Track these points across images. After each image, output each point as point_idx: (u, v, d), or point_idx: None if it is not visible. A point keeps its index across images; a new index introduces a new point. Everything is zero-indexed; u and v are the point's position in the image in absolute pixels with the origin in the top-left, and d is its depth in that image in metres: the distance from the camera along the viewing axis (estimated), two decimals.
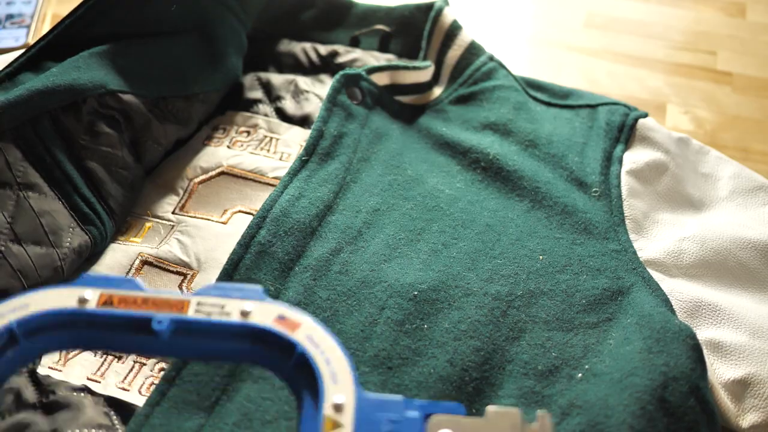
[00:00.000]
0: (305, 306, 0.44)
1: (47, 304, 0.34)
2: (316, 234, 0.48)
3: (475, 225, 0.50)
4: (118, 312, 0.34)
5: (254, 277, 0.44)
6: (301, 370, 0.33)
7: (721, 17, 0.86)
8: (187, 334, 0.34)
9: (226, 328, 0.34)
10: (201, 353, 0.36)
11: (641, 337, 0.41)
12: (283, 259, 0.46)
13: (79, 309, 0.34)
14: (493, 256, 0.48)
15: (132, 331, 0.34)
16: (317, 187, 0.51)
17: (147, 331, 0.34)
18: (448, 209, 0.51)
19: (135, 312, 0.34)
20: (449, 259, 0.48)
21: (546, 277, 0.47)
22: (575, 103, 0.61)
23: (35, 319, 0.34)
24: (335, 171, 0.53)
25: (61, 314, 0.34)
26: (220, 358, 0.37)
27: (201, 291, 0.35)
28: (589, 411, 0.38)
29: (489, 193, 0.53)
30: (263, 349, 0.34)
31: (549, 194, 0.52)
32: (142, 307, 0.34)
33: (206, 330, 0.34)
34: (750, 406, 0.41)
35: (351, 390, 0.32)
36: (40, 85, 0.48)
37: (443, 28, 0.65)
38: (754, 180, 0.55)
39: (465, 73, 0.63)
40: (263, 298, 0.35)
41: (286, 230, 0.47)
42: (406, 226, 0.50)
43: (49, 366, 0.43)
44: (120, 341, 0.35)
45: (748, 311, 0.46)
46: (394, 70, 0.61)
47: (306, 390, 0.32)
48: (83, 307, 0.34)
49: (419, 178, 0.54)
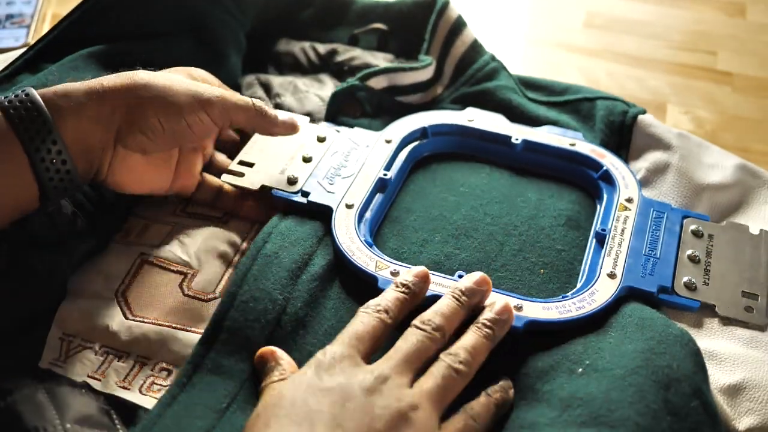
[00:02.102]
0: (312, 317, 0.45)
1: (447, 119, 0.58)
2: (323, 242, 0.49)
3: (477, 234, 0.51)
4: (492, 129, 0.57)
5: (262, 287, 0.44)
6: (604, 180, 0.54)
7: (721, 17, 0.86)
8: (533, 150, 0.56)
9: (560, 150, 0.55)
10: (539, 164, 0.56)
11: (643, 338, 0.41)
12: (290, 267, 0.46)
13: (467, 125, 0.57)
14: (494, 269, 0.48)
15: (498, 143, 0.56)
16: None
17: (507, 145, 0.56)
18: (451, 217, 0.52)
19: (502, 131, 0.57)
20: (450, 271, 0.48)
21: (546, 293, 0.47)
22: (573, 98, 0.61)
23: (439, 125, 0.58)
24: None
25: (454, 125, 0.58)
26: (550, 170, 0.55)
27: (542, 128, 0.56)
28: (591, 404, 0.38)
29: (492, 197, 0.53)
30: (580, 167, 0.55)
31: (553, 204, 0.53)
32: (506, 131, 0.57)
33: (546, 149, 0.56)
34: (746, 410, 0.42)
35: (636, 192, 0.52)
36: (38, 86, 0.48)
37: (449, 22, 0.65)
38: (757, 175, 0.55)
39: (467, 73, 0.63)
40: (582, 138, 0.56)
41: (292, 241, 0.48)
42: (409, 238, 0.50)
43: (49, 361, 0.43)
44: (488, 148, 0.57)
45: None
46: (392, 72, 0.61)
47: (606, 191, 0.53)
48: (470, 124, 0.57)
49: (422, 188, 0.55)
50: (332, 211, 0.50)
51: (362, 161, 0.54)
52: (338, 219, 0.49)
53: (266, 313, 0.43)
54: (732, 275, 0.48)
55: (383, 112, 0.61)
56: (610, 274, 0.46)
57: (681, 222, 0.50)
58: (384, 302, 0.42)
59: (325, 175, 0.52)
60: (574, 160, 0.55)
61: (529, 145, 0.56)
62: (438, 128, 0.57)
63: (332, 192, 0.51)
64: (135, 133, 0.45)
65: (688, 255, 0.48)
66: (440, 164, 0.57)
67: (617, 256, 0.47)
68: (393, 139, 0.55)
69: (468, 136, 0.57)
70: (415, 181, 0.55)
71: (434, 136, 0.57)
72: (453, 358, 0.39)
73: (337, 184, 0.52)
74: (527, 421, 0.39)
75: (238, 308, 0.43)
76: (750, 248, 0.49)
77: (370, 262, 0.47)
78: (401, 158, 0.55)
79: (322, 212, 0.50)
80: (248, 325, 0.43)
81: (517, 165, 0.56)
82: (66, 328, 0.45)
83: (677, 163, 0.55)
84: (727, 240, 0.50)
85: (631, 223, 0.50)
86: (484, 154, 0.57)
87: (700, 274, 0.48)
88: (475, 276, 0.44)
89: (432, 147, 0.57)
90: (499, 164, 0.56)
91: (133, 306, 0.46)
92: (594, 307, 0.44)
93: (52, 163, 0.42)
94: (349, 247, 0.48)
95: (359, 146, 0.55)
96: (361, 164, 0.53)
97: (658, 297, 0.46)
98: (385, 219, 0.52)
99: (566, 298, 0.45)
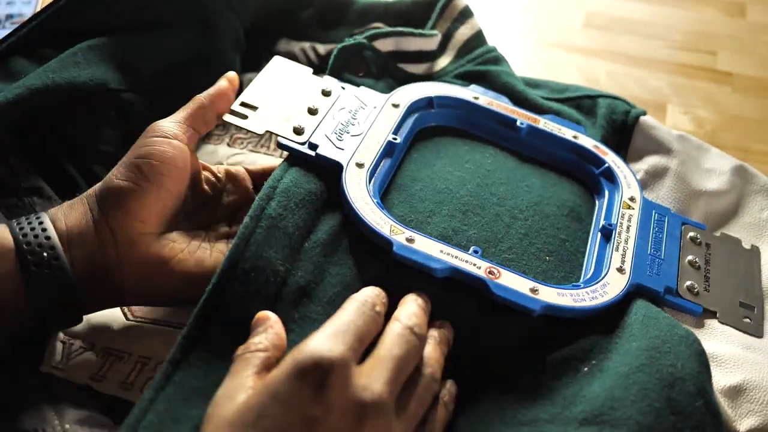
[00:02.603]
0: (315, 285, 0.43)
1: (453, 92, 0.56)
2: (327, 204, 0.46)
3: (483, 212, 0.49)
4: (496, 110, 0.55)
5: (265, 255, 0.42)
6: (605, 177, 0.53)
7: (721, 17, 0.86)
8: (536, 137, 0.55)
9: (563, 141, 0.55)
10: (541, 152, 0.55)
11: (647, 336, 0.41)
12: (293, 234, 0.43)
13: (473, 101, 0.56)
14: (502, 250, 0.47)
15: (502, 125, 0.55)
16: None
17: (512, 128, 0.55)
18: (458, 192, 0.50)
19: (507, 113, 0.55)
20: (459, 246, 0.46)
21: (553, 280, 0.46)
22: (574, 95, 0.61)
23: (445, 97, 0.56)
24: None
25: (461, 100, 0.56)
26: (551, 159, 0.55)
27: (547, 117, 0.56)
28: (593, 401, 0.38)
29: (497, 178, 0.52)
30: (581, 161, 0.54)
31: (556, 194, 0.52)
32: (511, 113, 0.56)
33: (549, 137, 0.55)
34: (746, 411, 0.42)
35: (638, 192, 0.52)
36: (39, 84, 0.48)
37: (458, 6, 0.65)
38: (755, 181, 0.55)
39: (474, 52, 0.63)
40: (584, 132, 0.55)
41: (296, 202, 0.45)
42: (416, 207, 0.48)
43: (51, 365, 0.43)
44: (491, 128, 0.55)
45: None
46: (399, 36, 0.61)
47: (607, 187, 0.53)
48: (476, 101, 0.56)
49: (427, 159, 0.53)
50: (342, 168, 0.47)
51: (370, 122, 0.51)
52: (350, 177, 0.47)
53: (267, 285, 0.41)
54: (730, 285, 0.48)
55: (387, 76, 0.60)
56: (619, 269, 0.46)
57: (680, 227, 0.51)
58: (378, 302, 0.39)
59: (333, 130, 0.49)
60: (577, 152, 0.55)
61: (534, 130, 0.55)
62: (444, 100, 0.56)
63: (342, 149, 0.48)
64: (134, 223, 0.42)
65: (689, 260, 0.49)
66: (443, 137, 0.55)
67: (624, 252, 0.47)
68: (401, 104, 0.53)
69: (474, 113, 0.56)
70: (420, 151, 0.53)
71: (439, 108, 0.55)
72: (431, 375, 0.38)
73: (346, 141, 0.49)
74: (528, 416, 0.39)
75: (240, 278, 0.40)
76: (743, 262, 0.50)
77: (384, 225, 0.44)
78: (407, 125, 0.53)
79: (327, 169, 0.47)
80: (249, 297, 0.40)
81: (520, 149, 0.55)
82: (67, 330, 0.45)
83: (676, 167, 0.55)
84: (722, 251, 0.50)
85: (635, 221, 0.49)
86: (487, 133, 0.55)
87: (701, 280, 0.48)
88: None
89: (437, 118, 0.55)
90: (503, 147, 0.55)
91: (134, 307, 0.46)
92: (606, 299, 0.44)
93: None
94: (362, 208, 0.45)
95: (367, 106, 0.53)
96: (370, 124, 0.51)
97: (664, 297, 0.46)
98: (390, 185, 0.50)
99: (578, 287, 0.44)
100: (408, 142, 0.53)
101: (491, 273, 0.43)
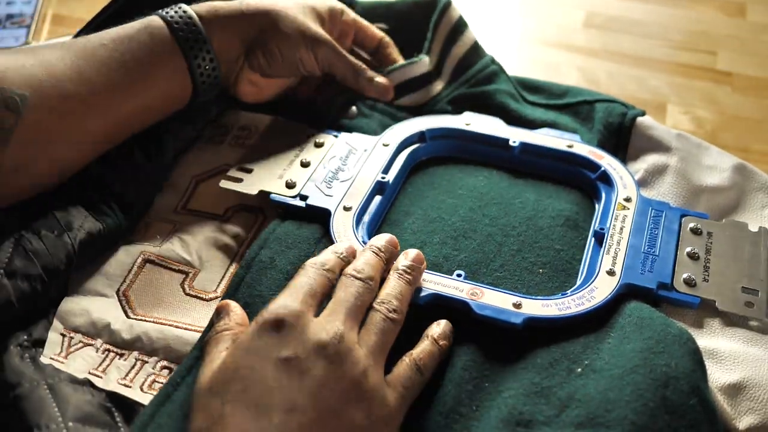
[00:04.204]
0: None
1: (445, 123, 0.58)
2: (320, 244, 0.49)
3: (475, 235, 0.50)
4: (488, 133, 0.57)
5: (256, 293, 0.45)
6: (601, 181, 0.54)
7: (721, 17, 0.86)
8: (530, 153, 0.56)
9: (557, 152, 0.56)
10: (537, 166, 0.56)
11: (641, 338, 0.41)
12: (291, 272, 0.46)
13: (465, 128, 0.58)
14: (493, 269, 0.48)
15: (495, 146, 0.57)
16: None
17: (505, 148, 0.56)
18: (449, 219, 0.51)
19: (498, 134, 0.57)
20: (449, 272, 0.47)
21: (546, 292, 0.47)
22: (573, 101, 0.61)
23: (437, 129, 0.58)
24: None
25: (452, 129, 0.58)
26: (548, 172, 0.56)
27: (539, 131, 0.57)
28: (589, 404, 0.38)
29: (490, 199, 0.53)
30: (578, 168, 0.55)
31: (551, 205, 0.53)
32: (503, 134, 0.57)
33: (544, 151, 0.56)
34: (746, 409, 0.42)
35: (634, 192, 0.52)
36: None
37: (450, 22, 0.64)
38: (755, 179, 0.55)
39: (468, 73, 0.63)
40: (580, 140, 0.56)
41: (288, 244, 0.48)
42: (407, 241, 0.50)
43: (51, 357, 0.43)
44: (486, 152, 0.57)
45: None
46: (388, 74, 0.61)
47: (604, 191, 0.53)
48: (467, 128, 0.58)
49: (421, 191, 0.55)
50: (330, 213, 0.50)
51: (360, 165, 0.54)
52: (336, 221, 0.50)
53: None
54: (732, 271, 0.48)
55: (379, 113, 0.61)
56: (609, 272, 0.46)
57: (679, 220, 0.51)
58: (329, 262, 0.42)
59: (323, 179, 0.53)
60: (572, 161, 0.55)
61: (527, 147, 0.56)
62: (436, 132, 0.58)
63: (330, 195, 0.51)
64: (257, 54, 0.54)
65: (688, 252, 0.49)
66: (438, 168, 0.57)
67: (616, 254, 0.48)
68: (391, 143, 0.56)
69: (466, 140, 0.58)
70: (414, 185, 0.55)
71: (432, 140, 0.58)
72: (386, 308, 0.41)
73: (335, 187, 0.52)
74: (524, 417, 0.39)
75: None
76: (749, 245, 0.49)
77: None
78: (399, 162, 0.56)
79: (320, 216, 0.50)
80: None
81: (515, 167, 0.57)
82: (67, 324, 0.45)
83: (676, 164, 0.55)
84: (726, 237, 0.50)
85: (629, 221, 0.50)
86: (482, 157, 0.57)
87: (700, 270, 0.48)
88: (386, 236, 0.45)
89: (430, 150, 0.58)
90: (498, 167, 0.57)
91: (135, 305, 0.46)
92: (593, 304, 0.44)
93: (205, 69, 0.52)
94: None
95: (357, 150, 0.55)
96: (359, 168, 0.54)
97: (657, 293, 0.46)
98: (383, 222, 0.52)
99: (565, 295, 0.45)
100: (402, 178, 0.56)
101: (473, 294, 0.45)
